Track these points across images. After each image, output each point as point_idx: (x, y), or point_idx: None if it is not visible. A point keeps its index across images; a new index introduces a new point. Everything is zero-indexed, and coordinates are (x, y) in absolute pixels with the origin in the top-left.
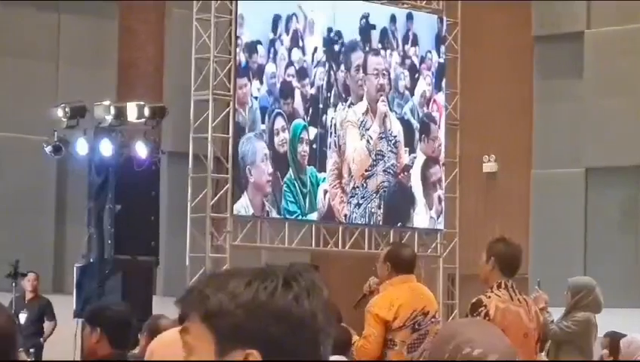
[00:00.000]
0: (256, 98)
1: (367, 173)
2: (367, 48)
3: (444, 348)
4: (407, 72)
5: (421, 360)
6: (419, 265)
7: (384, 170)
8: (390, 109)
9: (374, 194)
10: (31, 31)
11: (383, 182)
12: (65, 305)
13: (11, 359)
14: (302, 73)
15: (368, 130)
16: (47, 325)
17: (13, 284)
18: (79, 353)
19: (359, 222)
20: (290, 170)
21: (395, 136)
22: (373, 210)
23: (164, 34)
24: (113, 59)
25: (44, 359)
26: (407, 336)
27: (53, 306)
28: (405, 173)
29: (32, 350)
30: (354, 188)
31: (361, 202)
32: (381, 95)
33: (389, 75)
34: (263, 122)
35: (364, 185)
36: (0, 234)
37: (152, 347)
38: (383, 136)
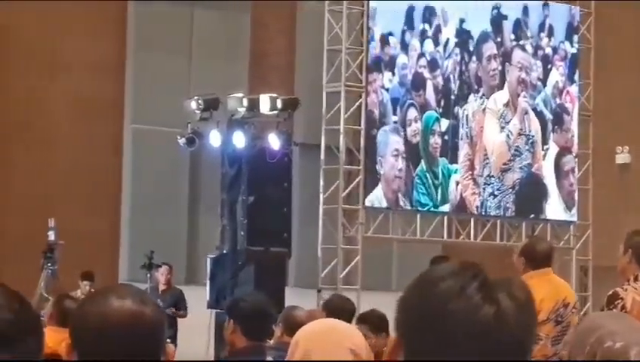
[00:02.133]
0: (387, 90)
1: (504, 167)
2: (498, 39)
3: (586, 341)
4: (539, 63)
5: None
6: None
7: (520, 168)
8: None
9: (510, 190)
10: (165, 25)
11: (519, 179)
12: (198, 296)
13: (160, 349)
14: (433, 64)
15: (508, 123)
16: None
17: (148, 275)
18: (213, 343)
19: (493, 213)
20: (422, 161)
21: (532, 136)
22: (508, 205)
23: (295, 26)
24: (245, 52)
25: (179, 350)
26: (550, 330)
27: (185, 297)
28: (538, 164)
29: (168, 340)
30: (488, 176)
31: (496, 193)
32: (522, 90)
33: (526, 68)
34: (394, 114)
35: (501, 177)
36: (136, 226)
37: (298, 337)
38: (522, 133)
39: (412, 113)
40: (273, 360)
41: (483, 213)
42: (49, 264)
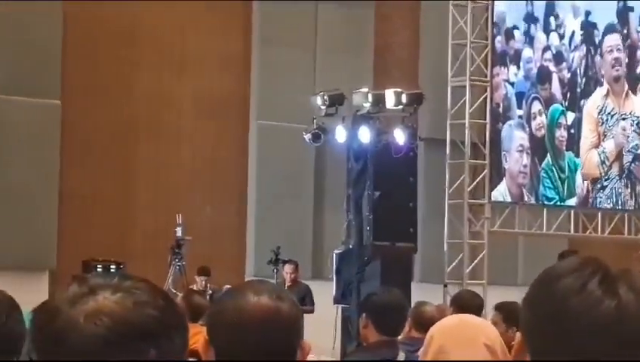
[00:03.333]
0: (512, 83)
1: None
2: (625, 31)
3: None
4: None
5: None
6: None
7: (628, 151)
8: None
9: (624, 179)
10: (290, 22)
11: (627, 163)
12: (324, 292)
13: (296, 345)
14: (559, 57)
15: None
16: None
17: (275, 271)
18: (339, 338)
19: (607, 206)
20: (548, 155)
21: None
22: (620, 190)
23: (419, 20)
24: (369, 47)
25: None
26: None
27: (312, 292)
28: None
29: None
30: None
31: (605, 184)
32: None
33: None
34: (519, 107)
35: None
36: (262, 221)
37: (433, 332)
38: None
39: (536, 106)
40: (404, 358)
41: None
42: (177, 260)
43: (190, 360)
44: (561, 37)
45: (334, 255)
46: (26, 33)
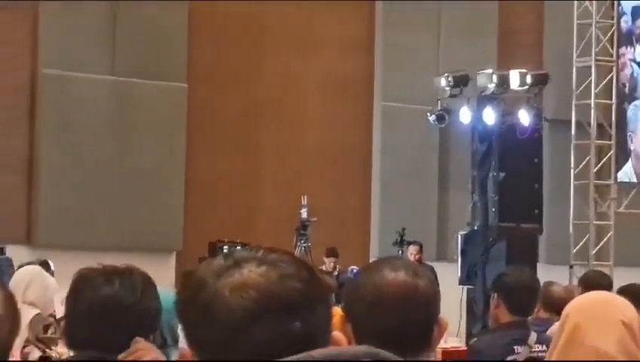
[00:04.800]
0: (638, 63)
1: None
2: None
3: None
4: None
5: None
6: None
7: None
8: None
9: None
10: (413, 3)
11: None
12: (448, 273)
13: (433, 322)
14: None
15: None
16: None
17: (400, 252)
18: (465, 319)
19: None
20: None
21: None
22: None
23: (543, 1)
24: (494, 28)
25: None
26: None
27: (436, 273)
28: None
29: None
30: None
31: None
32: None
33: None
34: None
35: None
36: (386, 202)
37: (568, 310)
38: None
39: None
40: (535, 338)
41: None
42: (302, 241)
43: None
44: None
45: (459, 236)
46: (155, 18)
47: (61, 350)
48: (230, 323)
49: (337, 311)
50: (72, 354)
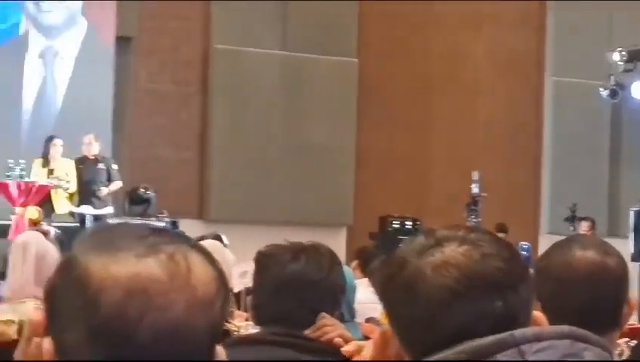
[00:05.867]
0: None
1: None
2: None
3: None
4: None
5: None
6: None
7: None
8: None
9: None
10: None
11: None
12: (620, 249)
13: (622, 300)
14: None
15: None
16: None
17: (571, 228)
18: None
19: None
20: None
21: None
22: None
23: None
24: None
25: None
26: None
27: None
28: None
29: None
30: None
31: None
32: None
33: None
34: None
35: None
36: (557, 178)
37: None
38: None
39: None
40: None
41: None
42: (472, 216)
43: None
44: None
45: (631, 212)
46: None
47: (238, 323)
48: (431, 301)
49: None
50: (257, 329)
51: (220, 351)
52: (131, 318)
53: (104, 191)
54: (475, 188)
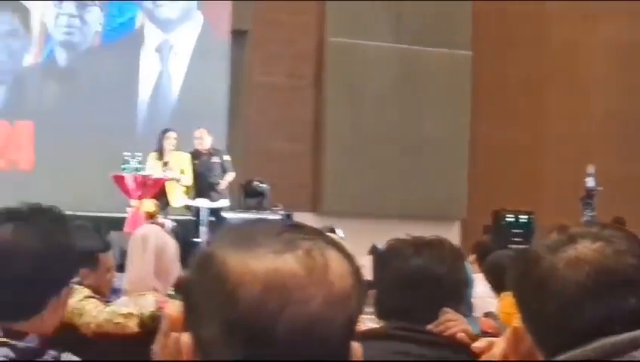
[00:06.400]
0: None
1: None
2: None
3: None
4: None
5: None
6: None
7: None
8: None
9: None
10: None
11: None
12: None
13: None
14: None
15: None
16: None
17: None
18: None
19: None
20: None
21: None
22: None
23: None
24: None
25: None
26: None
27: None
28: None
29: None
30: None
31: None
32: None
33: None
34: None
35: None
36: None
37: None
38: None
39: None
40: None
41: None
42: (587, 211)
43: None
44: None
45: None
46: None
47: None
48: (564, 297)
49: None
50: (374, 323)
51: (356, 347)
52: (270, 313)
53: (223, 184)
54: (590, 182)
